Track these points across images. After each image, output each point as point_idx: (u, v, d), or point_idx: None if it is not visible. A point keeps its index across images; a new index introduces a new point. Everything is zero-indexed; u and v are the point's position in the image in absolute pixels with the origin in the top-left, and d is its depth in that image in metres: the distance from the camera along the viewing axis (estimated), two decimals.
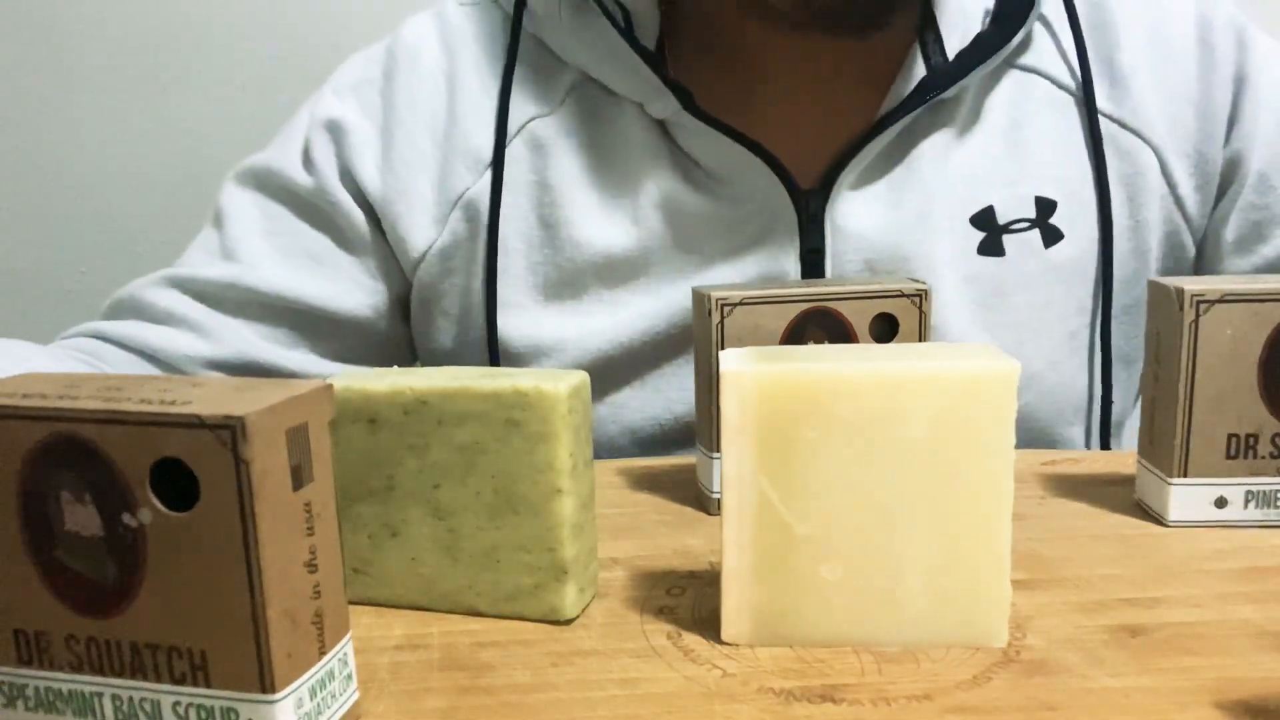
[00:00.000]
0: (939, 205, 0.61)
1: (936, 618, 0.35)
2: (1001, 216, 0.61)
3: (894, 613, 0.35)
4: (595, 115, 0.63)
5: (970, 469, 0.34)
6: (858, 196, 0.61)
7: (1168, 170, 0.63)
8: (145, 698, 0.29)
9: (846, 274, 0.60)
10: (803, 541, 0.35)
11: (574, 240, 0.62)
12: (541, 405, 0.36)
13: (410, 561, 0.39)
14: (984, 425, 0.34)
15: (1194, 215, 0.64)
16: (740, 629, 0.36)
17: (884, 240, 0.60)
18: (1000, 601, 0.35)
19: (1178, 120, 0.63)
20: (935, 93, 0.59)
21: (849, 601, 0.35)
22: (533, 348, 0.64)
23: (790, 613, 0.35)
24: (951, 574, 0.35)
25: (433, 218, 0.65)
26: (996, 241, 0.61)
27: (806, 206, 0.60)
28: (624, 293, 0.63)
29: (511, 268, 0.64)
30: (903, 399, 0.34)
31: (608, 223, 0.62)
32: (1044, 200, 0.62)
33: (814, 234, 0.60)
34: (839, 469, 0.34)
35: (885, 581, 0.35)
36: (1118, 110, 0.62)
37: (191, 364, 0.64)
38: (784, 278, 0.61)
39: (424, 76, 0.66)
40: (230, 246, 0.66)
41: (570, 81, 0.64)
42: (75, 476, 0.28)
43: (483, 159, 0.64)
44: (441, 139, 0.65)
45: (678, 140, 0.62)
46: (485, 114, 0.64)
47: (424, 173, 0.65)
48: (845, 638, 0.35)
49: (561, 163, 0.63)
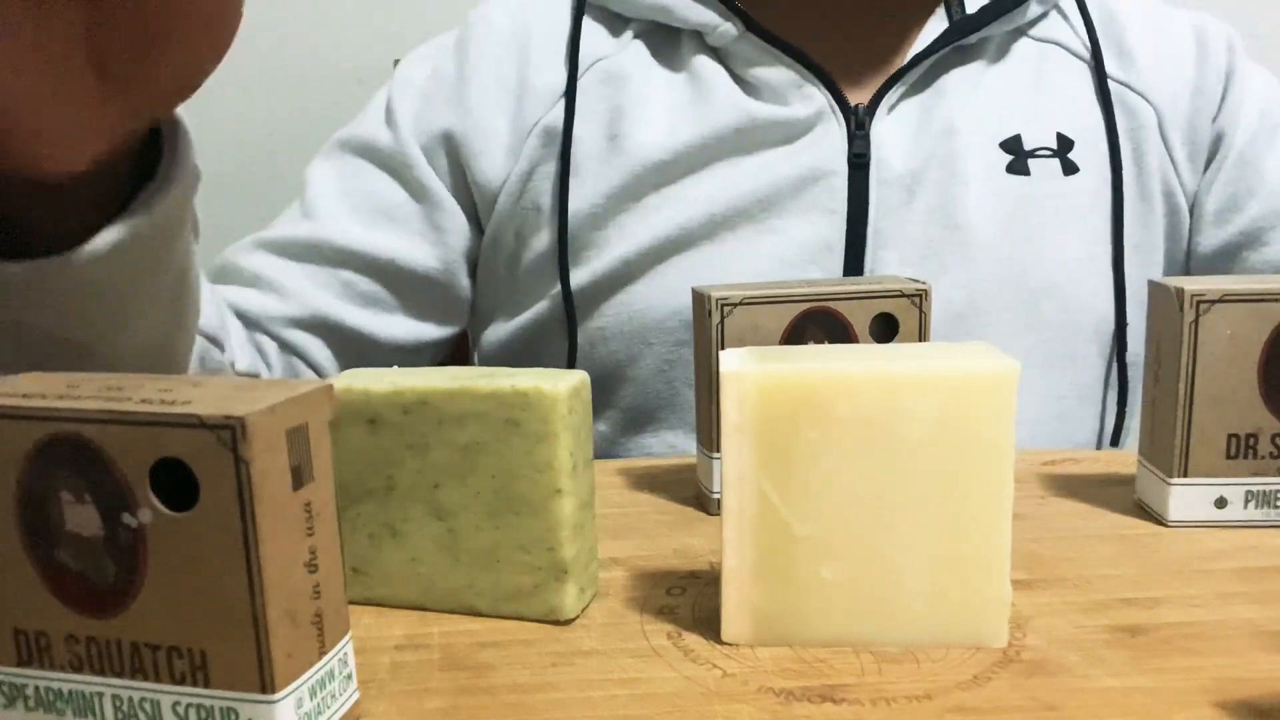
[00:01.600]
0: (967, 126, 0.68)
1: (936, 618, 0.35)
2: (1028, 143, 0.69)
3: (894, 613, 0.35)
4: (659, 51, 0.70)
5: (970, 469, 0.34)
6: (897, 114, 0.69)
7: (1165, 134, 0.70)
8: (145, 698, 0.29)
9: (888, 179, 0.67)
10: (803, 542, 0.35)
11: (640, 145, 0.67)
12: (541, 405, 0.36)
13: (410, 561, 0.39)
14: (984, 425, 0.34)
15: (1186, 181, 0.72)
16: (740, 629, 0.36)
17: (919, 151, 0.67)
18: (1000, 601, 0.35)
19: (1176, 96, 0.71)
20: (958, 36, 0.68)
21: (849, 602, 0.35)
22: (600, 237, 0.68)
23: (790, 613, 0.35)
24: (951, 574, 0.35)
25: (508, 147, 0.70)
26: (1023, 164, 0.69)
27: (855, 118, 0.68)
28: (684, 186, 0.68)
29: (585, 181, 0.68)
30: (903, 399, 0.34)
31: (670, 129, 0.67)
32: (1063, 137, 0.69)
33: (860, 141, 0.67)
34: (839, 469, 0.34)
35: (885, 581, 0.35)
36: (1125, 76, 0.71)
37: (274, 324, 0.69)
38: (833, 174, 0.67)
39: (495, 35, 0.72)
40: (309, 206, 0.71)
41: (635, 29, 0.70)
42: (75, 476, 0.28)
43: (556, 90, 0.69)
44: (515, 83, 0.70)
45: (736, 70, 0.69)
46: (556, 58, 0.70)
47: (500, 111, 0.70)
48: (845, 638, 0.35)
49: (630, 87, 0.69)
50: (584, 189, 0.68)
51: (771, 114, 0.67)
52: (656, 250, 0.67)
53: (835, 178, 0.67)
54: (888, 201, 0.67)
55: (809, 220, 0.67)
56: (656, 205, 0.67)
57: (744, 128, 0.67)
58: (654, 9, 0.69)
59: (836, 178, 0.67)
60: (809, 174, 0.67)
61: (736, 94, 0.68)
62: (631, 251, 0.67)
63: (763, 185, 0.67)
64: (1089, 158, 0.69)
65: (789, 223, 0.67)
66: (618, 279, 0.68)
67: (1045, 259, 0.68)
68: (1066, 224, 0.69)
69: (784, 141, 0.68)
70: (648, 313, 0.67)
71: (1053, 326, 0.68)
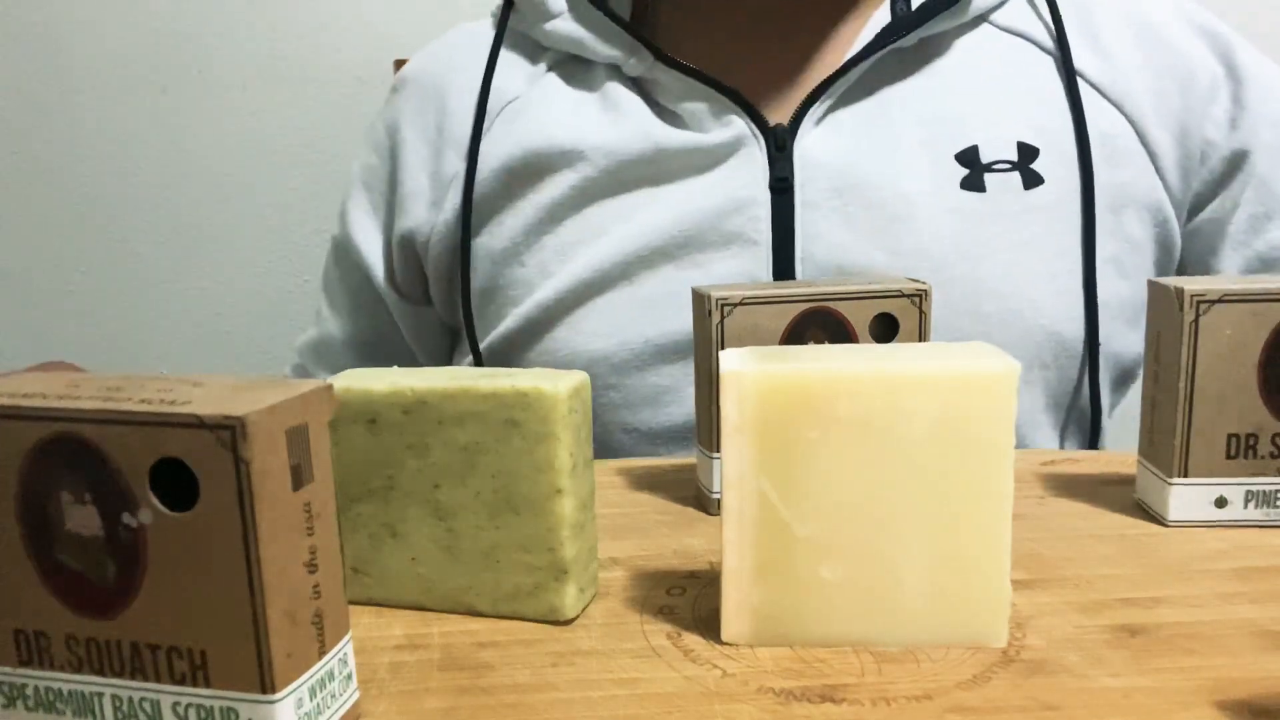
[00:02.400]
0: (913, 138, 0.63)
1: (936, 618, 0.35)
2: (985, 156, 0.63)
3: (894, 613, 0.35)
4: (574, 80, 0.69)
5: (970, 469, 0.34)
6: (824, 129, 0.64)
7: (1147, 140, 0.65)
8: (145, 698, 0.29)
9: (815, 201, 0.63)
10: (803, 542, 0.35)
11: (553, 179, 0.66)
12: (541, 405, 0.36)
13: (410, 561, 0.39)
14: (984, 425, 0.34)
15: (1175, 188, 0.66)
16: (740, 629, 0.36)
17: (852, 170, 0.63)
18: (1000, 601, 0.35)
19: (1162, 95, 0.65)
20: (896, 38, 0.63)
21: (849, 601, 0.35)
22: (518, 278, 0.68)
23: (790, 613, 0.35)
24: (951, 574, 0.35)
25: (430, 202, 0.71)
26: (979, 179, 0.63)
27: (774, 139, 0.63)
28: (596, 220, 0.66)
29: (494, 225, 0.68)
30: (903, 399, 0.34)
31: (574, 144, 0.66)
32: (1025, 146, 0.64)
33: (782, 164, 0.63)
34: (839, 469, 0.34)
35: (885, 581, 0.35)
36: (1098, 76, 0.65)
37: None
38: (753, 202, 0.63)
39: (416, 94, 0.73)
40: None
41: (550, 60, 0.69)
42: (75, 476, 0.28)
43: (467, 138, 0.70)
44: (434, 136, 0.71)
45: (654, 96, 0.66)
46: (471, 102, 0.70)
47: (422, 168, 0.71)
48: (845, 638, 0.35)
49: (538, 117, 0.68)
50: (495, 232, 0.68)
51: (683, 141, 0.64)
52: (574, 293, 0.65)
53: (756, 205, 0.63)
54: (816, 226, 0.62)
55: (731, 253, 0.63)
56: (571, 244, 0.65)
57: (652, 157, 0.64)
58: (568, 41, 0.67)
59: (758, 205, 0.63)
60: (728, 204, 0.63)
61: (650, 121, 0.65)
62: (549, 296, 0.65)
63: (680, 218, 0.63)
64: (1055, 167, 0.63)
65: (710, 256, 0.63)
66: (539, 324, 0.66)
67: (1004, 283, 0.62)
68: (1026, 246, 0.63)
69: (699, 171, 0.64)
70: (574, 360, 0.65)
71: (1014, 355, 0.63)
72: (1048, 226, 0.63)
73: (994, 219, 0.63)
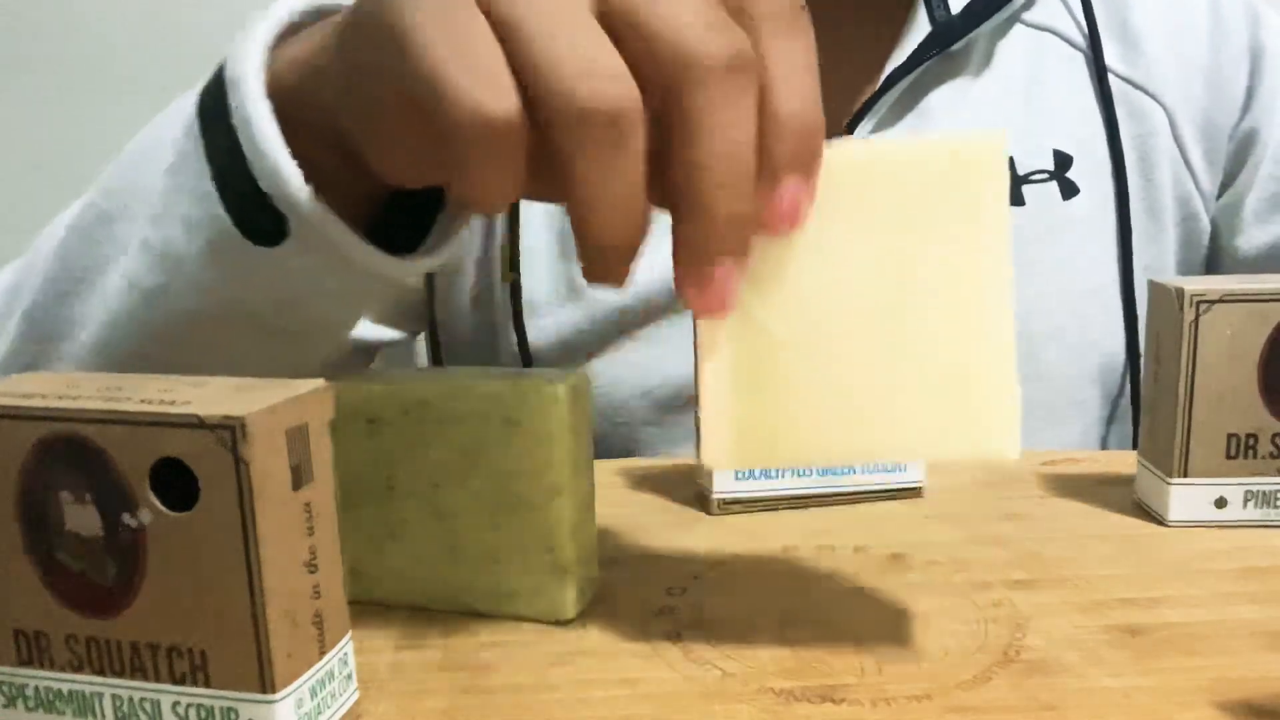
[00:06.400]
0: None
1: (937, 427, 0.31)
2: (1021, 167, 0.61)
3: (889, 424, 0.31)
4: None
5: (964, 254, 0.31)
6: None
7: (1178, 134, 0.63)
8: (145, 698, 0.29)
9: None
10: (784, 348, 0.31)
11: None
12: (541, 405, 0.36)
13: (410, 561, 0.39)
14: (975, 203, 0.30)
15: (1204, 182, 0.64)
16: (720, 451, 0.32)
17: None
18: (1007, 405, 0.31)
19: (1189, 88, 0.63)
20: (942, 47, 0.59)
21: (838, 413, 0.31)
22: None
23: (775, 427, 0.32)
24: (950, 374, 0.31)
25: None
26: (1017, 191, 0.61)
27: None
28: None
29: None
30: (883, 180, 0.30)
31: None
32: (1061, 154, 0.62)
33: None
34: (818, 263, 0.31)
35: (877, 388, 0.31)
36: (1130, 70, 0.63)
37: None
38: None
39: None
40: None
41: None
42: (75, 476, 0.28)
43: None
44: None
45: None
46: None
47: None
48: (836, 453, 0.33)
49: None
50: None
51: None
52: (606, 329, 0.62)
53: None
54: None
55: None
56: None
57: None
58: None
59: None
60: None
61: None
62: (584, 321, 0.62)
63: None
64: (1090, 174, 0.62)
65: None
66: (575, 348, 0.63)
67: (1045, 304, 0.60)
68: (1067, 261, 0.61)
69: None
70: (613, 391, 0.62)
71: (1059, 375, 0.62)
72: (1087, 238, 0.62)
73: (1036, 234, 0.61)
